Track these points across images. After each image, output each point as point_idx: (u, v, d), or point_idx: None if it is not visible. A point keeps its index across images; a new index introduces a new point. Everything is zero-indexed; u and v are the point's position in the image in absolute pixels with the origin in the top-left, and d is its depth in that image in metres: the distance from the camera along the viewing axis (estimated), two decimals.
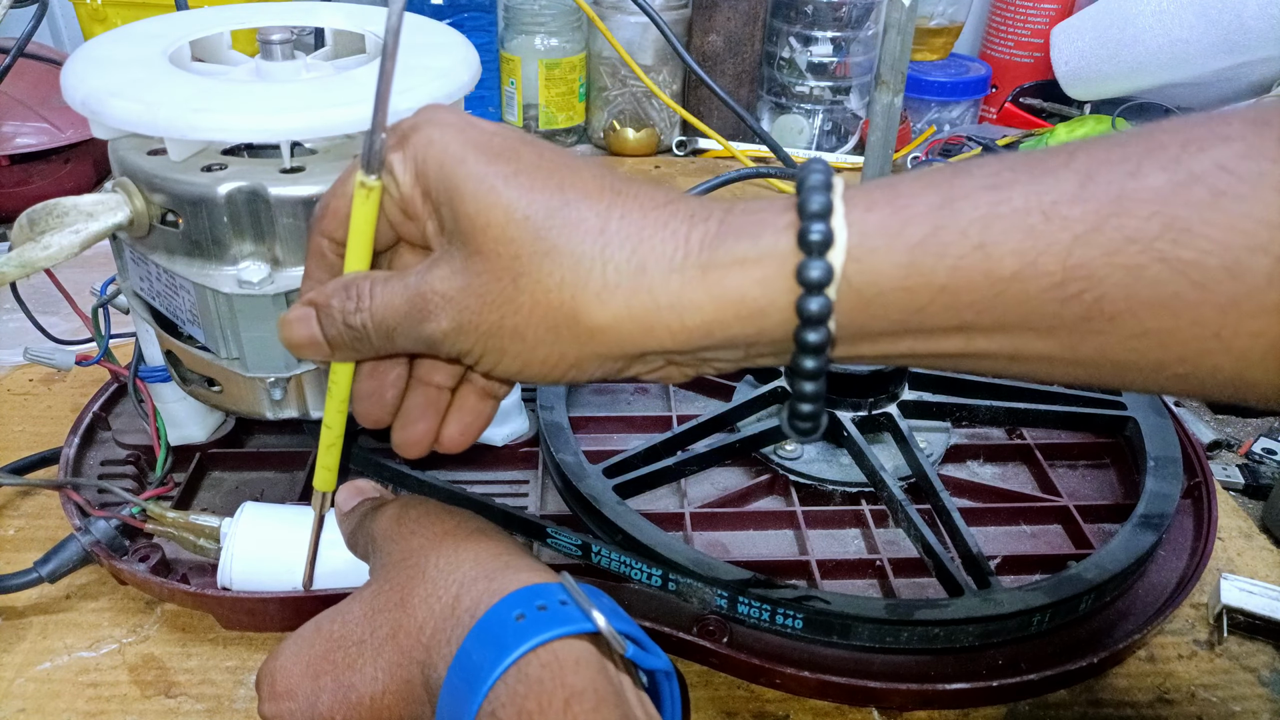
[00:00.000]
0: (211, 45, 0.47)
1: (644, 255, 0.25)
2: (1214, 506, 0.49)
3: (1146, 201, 0.22)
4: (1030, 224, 0.23)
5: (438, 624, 0.30)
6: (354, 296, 0.29)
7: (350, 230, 0.29)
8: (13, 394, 0.61)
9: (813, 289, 0.24)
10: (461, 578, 0.31)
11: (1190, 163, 0.22)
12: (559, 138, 1.06)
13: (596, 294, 0.26)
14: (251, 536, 0.42)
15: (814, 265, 0.24)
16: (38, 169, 0.82)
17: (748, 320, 0.25)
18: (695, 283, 0.25)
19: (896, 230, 0.24)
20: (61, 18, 1.09)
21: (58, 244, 0.37)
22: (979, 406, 0.54)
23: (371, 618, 0.31)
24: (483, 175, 0.26)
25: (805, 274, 0.24)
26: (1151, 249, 0.22)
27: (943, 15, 1.08)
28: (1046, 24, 1.06)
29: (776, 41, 1.02)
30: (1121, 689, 0.43)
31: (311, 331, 0.30)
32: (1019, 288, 0.24)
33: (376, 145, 0.27)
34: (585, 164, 0.28)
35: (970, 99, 1.07)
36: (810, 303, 0.24)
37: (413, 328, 0.28)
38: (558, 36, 1.00)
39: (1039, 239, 0.23)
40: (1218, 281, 0.22)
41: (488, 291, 0.26)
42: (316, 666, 0.31)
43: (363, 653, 0.31)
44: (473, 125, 0.28)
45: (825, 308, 0.24)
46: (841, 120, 1.05)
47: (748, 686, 0.42)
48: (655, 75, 1.00)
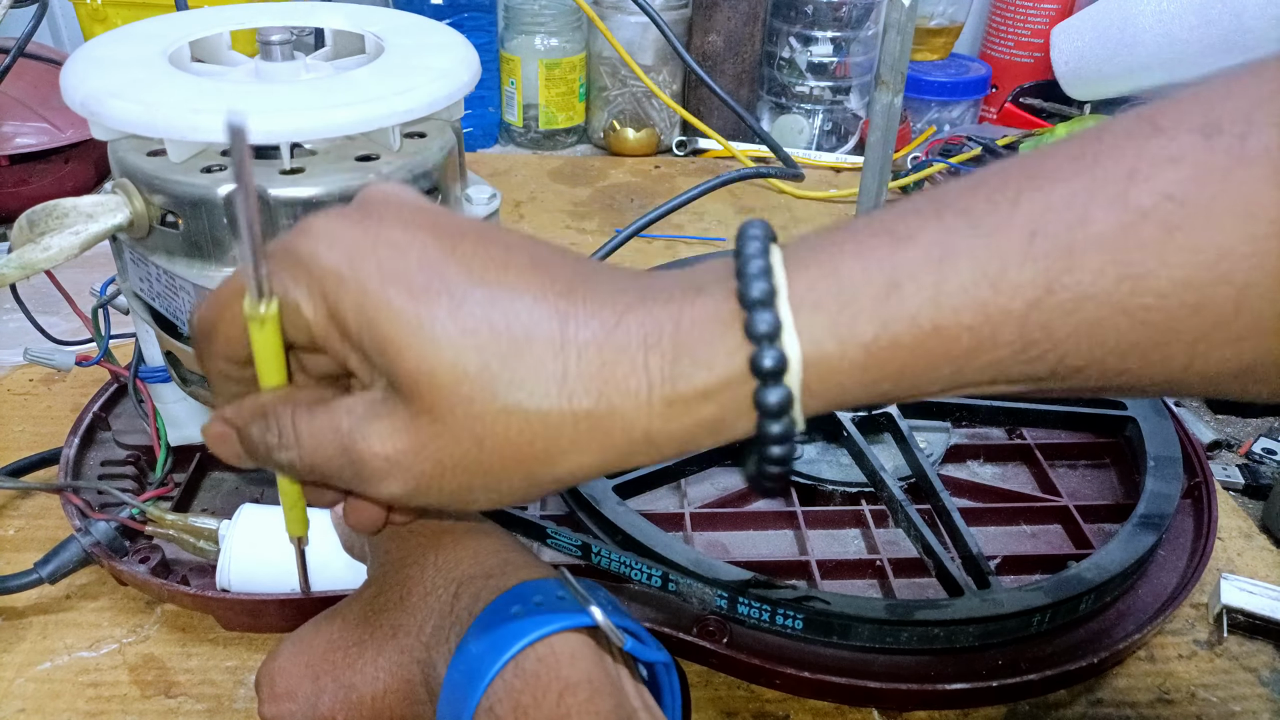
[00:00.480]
0: (211, 46, 0.47)
1: (610, 397, 0.24)
2: (1214, 506, 0.49)
3: (1097, 252, 0.22)
4: (981, 298, 0.22)
5: (437, 623, 0.30)
6: (274, 430, 0.26)
7: (256, 359, 0.25)
8: (13, 394, 0.61)
9: (771, 414, 0.24)
10: (460, 576, 0.30)
11: (1138, 197, 0.21)
12: (559, 138, 1.06)
13: (571, 444, 0.24)
14: (250, 539, 0.42)
15: (771, 392, 0.23)
16: (37, 169, 0.82)
17: (717, 433, 0.25)
18: (662, 417, 0.24)
19: (846, 333, 0.23)
20: (61, 18, 1.09)
21: (58, 245, 0.37)
22: (979, 406, 0.54)
23: (371, 618, 0.31)
24: (416, 322, 0.23)
25: (763, 400, 0.23)
26: (1109, 303, 0.22)
27: (943, 15, 1.08)
28: (1046, 24, 1.06)
29: (776, 41, 1.02)
30: (1121, 689, 0.43)
31: (237, 452, 0.27)
32: (981, 358, 0.23)
33: (261, 274, 0.24)
34: (521, 266, 0.24)
35: (970, 99, 1.07)
36: (771, 426, 0.24)
37: (354, 482, 0.25)
38: (558, 36, 1.00)
39: (991, 313, 0.22)
40: (1181, 321, 0.21)
41: (446, 455, 0.24)
42: (316, 667, 0.31)
43: (363, 653, 0.31)
44: (381, 241, 0.24)
45: (788, 425, 0.24)
46: (841, 120, 1.05)
47: (748, 687, 0.42)
48: (655, 75, 1.00)
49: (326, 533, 0.38)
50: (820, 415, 0.25)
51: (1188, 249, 0.21)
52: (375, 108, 0.39)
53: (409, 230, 0.24)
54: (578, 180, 0.98)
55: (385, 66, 0.43)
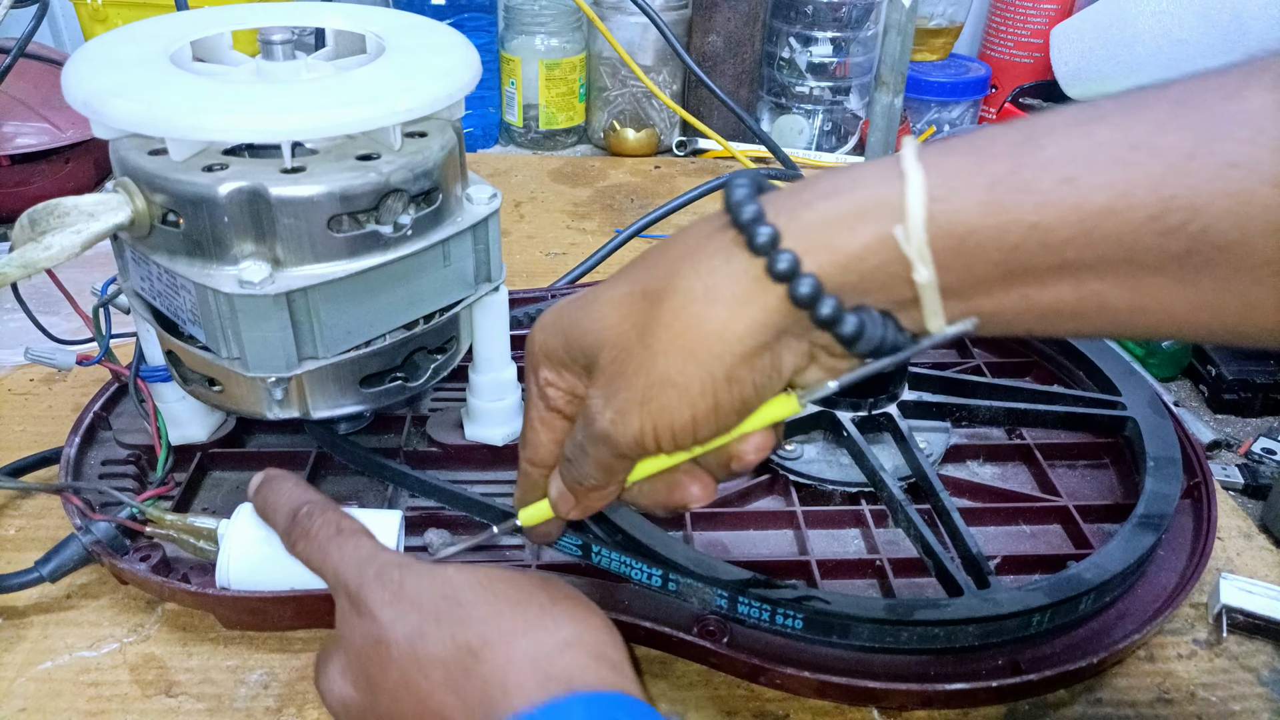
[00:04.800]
0: (212, 45, 0.47)
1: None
2: (1214, 506, 0.49)
3: (1247, 124, 0.21)
4: (1118, 155, 0.22)
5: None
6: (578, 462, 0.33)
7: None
8: (14, 394, 0.61)
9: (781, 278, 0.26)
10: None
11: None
12: (559, 138, 1.06)
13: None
14: (248, 537, 0.42)
15: (782, 258, 0.26)
16: (39, 169, 0.82)
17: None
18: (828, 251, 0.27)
19: (975, 168, 0.24)
20: (62, 18, 1.09)
21: (59, 244, 0.37)
22: (979, 407, 0.54)
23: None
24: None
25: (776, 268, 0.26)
26: (1257, 172, 0.21)
27: (942, 15, 1.08)
28: (1046, 24, 1.06)
29: (776, 42, 1.02)
30: (1121, 689, 0.43)
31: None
32: (1114, 222, 0.22)
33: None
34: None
35: (970, 99, 1.07)
36: (800, 284, 0.26)
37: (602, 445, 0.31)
38: (558, 37, 1.00)
39: (1129, 170, 0.22)
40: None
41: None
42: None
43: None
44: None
45: (810, 283, 0.26)
46: (841, 120, 1.05)
47: (748, 686, 0.42)
48: (655, 75, 1.00)
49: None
50: (983, 317, 0.26)
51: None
52: (376, 107, 0.39)
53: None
54: (578, 180, 0.98)
55: (386, 66, 0.43)
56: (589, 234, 0.86)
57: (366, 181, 0.40)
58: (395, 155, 0.41)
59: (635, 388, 0.29)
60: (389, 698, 0.30)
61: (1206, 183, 0.21)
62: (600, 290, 0.31)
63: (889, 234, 0.25)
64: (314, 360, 0.42)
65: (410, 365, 0.46)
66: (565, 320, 0.31)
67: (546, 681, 0.28)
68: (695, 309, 0.27)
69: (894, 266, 0.25)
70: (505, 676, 0.29)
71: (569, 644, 0.30)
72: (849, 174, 0.26)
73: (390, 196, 0.41)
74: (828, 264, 0.26)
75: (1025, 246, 0.24)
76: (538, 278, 0.77)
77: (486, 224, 0.46)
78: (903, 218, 0.24)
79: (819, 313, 0.26)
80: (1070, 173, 0.23)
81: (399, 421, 0.55)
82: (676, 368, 0.28)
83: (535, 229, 0.87)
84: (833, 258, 0.26)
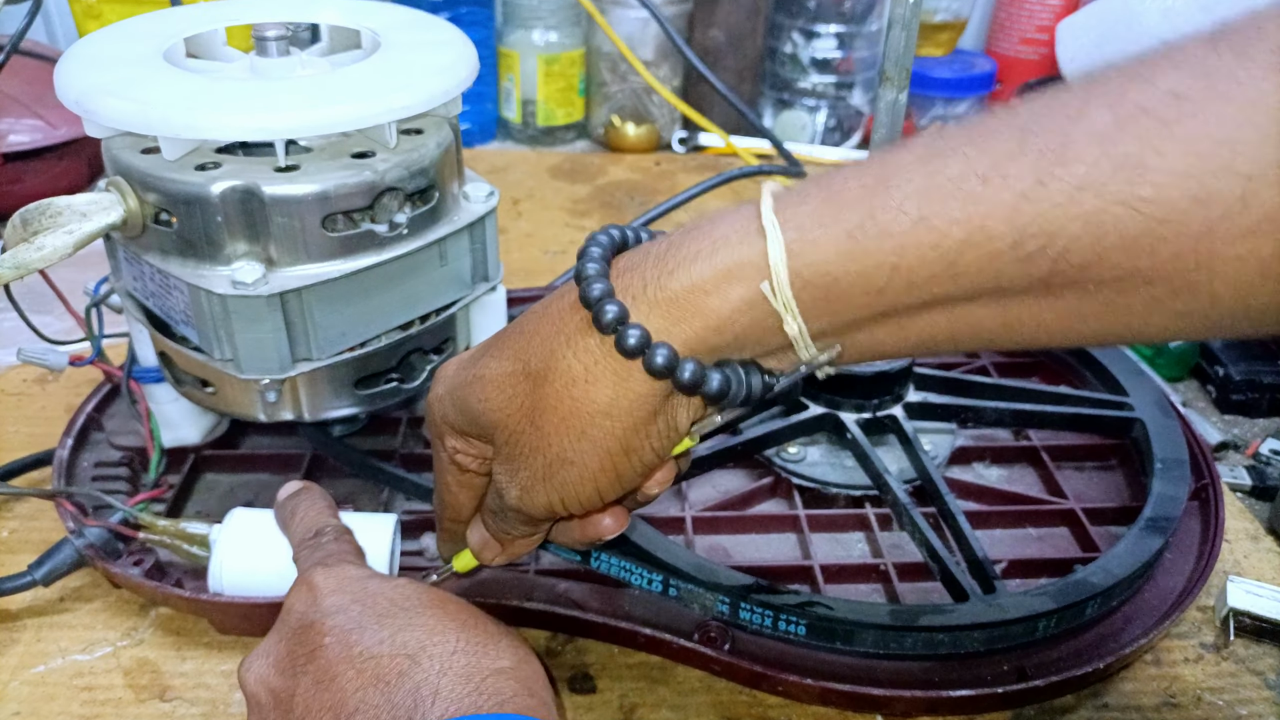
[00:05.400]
0: (206, 42, 0.46)
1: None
2: (1221, 509, 0.49)
3: (1091, 144, 0.21)
4: (969, 189, 0.22)
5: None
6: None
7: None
8: (6, 395, 0.61)
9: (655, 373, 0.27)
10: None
11: (1137, 96, 0.21)
12: (558, 134, 1.05)
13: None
14: (241, 542, 0.41)
15: (653, 349, 0.27)
16: (31, 167, 0.82)
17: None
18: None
19: (832, 217, 0.24)
20: (56, 14, 1.09)
21: (51, 245, 0.37)
22: (985, 408, 0.53)
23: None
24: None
25: (651, 360, 0.27)
26: (1105, 194, 0.21)
27: (947, 10, 1.07)
28: (1052, 19, 1.06)
29: (779, 36, 1.01)
30: (1127, 693, 0.42)
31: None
32: (973, 254, 0.23)
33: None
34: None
35: (975, 95, 1.06)
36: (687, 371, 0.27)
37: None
38: (557, 31, 0.99)
39: (980, 204, 0.22)
40: (1185, 213, 0.21)
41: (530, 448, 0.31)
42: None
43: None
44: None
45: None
46: (845, 116, 1.04)
47: (750, 693, 0.42)
48: (656, 70, 0.99)
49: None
50: (852, 355, 0.27)
51: (1184, 139, 0.21)
52: (371, 104, 0.39)
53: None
54: (577, 177, 0.97)
55: (382, 62, 0.43)
56: (588, 232, 0.85)
57: (361, 180, 0.39)
58: (391, 153, 0.41)
59: (535, 467, 0.30)
60: (310, 683, 0.30)
61: (1058, 207, 0.22)
62: (483, 366, 0.31)
63: (757, 292, 0.26)
64: (308, 362, 0.41)
65: (406, 366, 0.46)
66: (457, 395, 0.32)
67: (478, 697, 0.28)
68: (577, 391, 0.28)
69: (767, 320, 0.26)
70: (438, 684, 0.29)
71: (506, 672, 0.30)
72: (708, 233, 0.27)
73: (385, 195, 0.40)
74: (701, 329, 0.27)
75: (891, 287, 0.24)
76: (536, 276, 0.77)
77: (484, 222, 0.45)
78: (767, 275, 0.25)
79: (680, 380, 0.27)
80: (924, 212, 0.23)
81: (395, 424, 0.54)
82: (571, 447, 0.29)
83: (534, 227, 0.86)
84: (705, 322, 0.27)
